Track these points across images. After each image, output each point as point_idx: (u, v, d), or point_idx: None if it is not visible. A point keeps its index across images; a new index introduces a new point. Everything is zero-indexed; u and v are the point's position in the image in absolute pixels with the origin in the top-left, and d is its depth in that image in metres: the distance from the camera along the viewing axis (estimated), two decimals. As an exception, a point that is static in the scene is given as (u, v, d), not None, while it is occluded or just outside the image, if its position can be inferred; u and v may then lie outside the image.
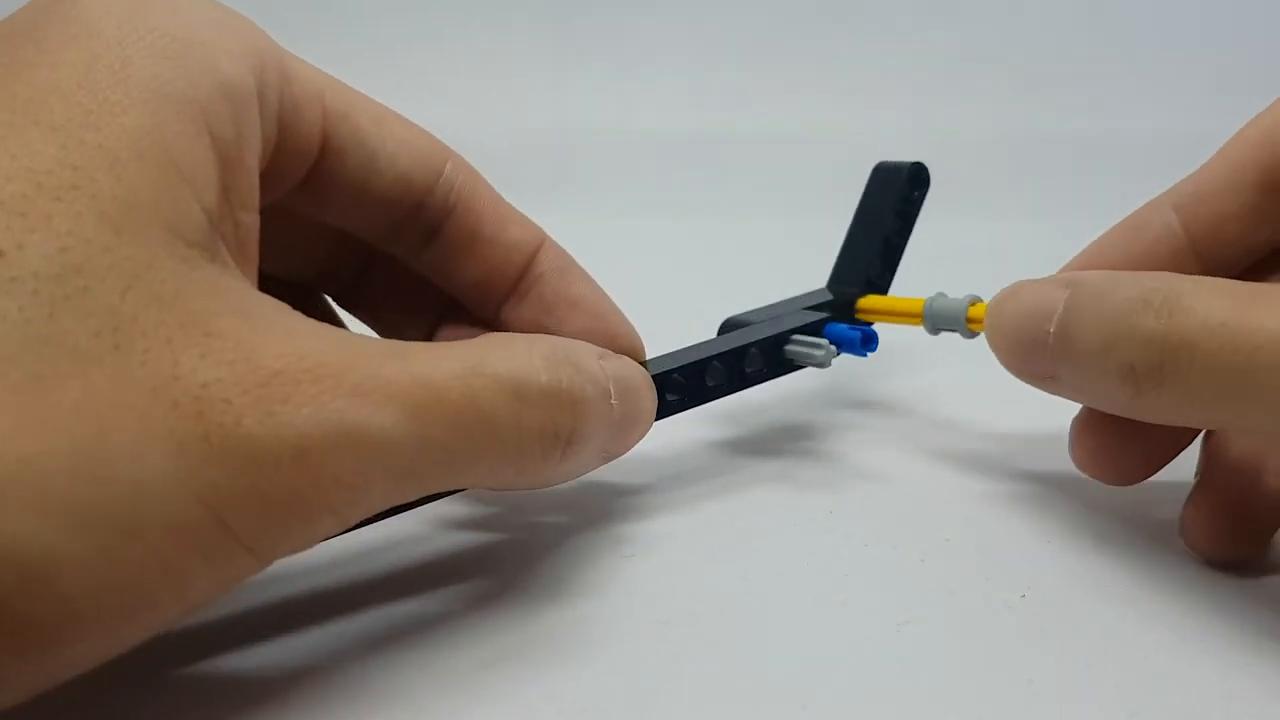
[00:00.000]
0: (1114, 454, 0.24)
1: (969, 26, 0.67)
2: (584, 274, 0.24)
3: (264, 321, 0.16)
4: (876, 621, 0.20)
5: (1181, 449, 0.24)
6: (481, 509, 0.25)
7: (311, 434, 0.16)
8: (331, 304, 0.25)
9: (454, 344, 0.19)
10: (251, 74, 0.17)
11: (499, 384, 0.18)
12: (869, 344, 0.26)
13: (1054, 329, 0.21)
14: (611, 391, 0.21)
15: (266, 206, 0.19)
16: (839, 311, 0.30)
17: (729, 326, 0.28)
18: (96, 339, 0.14)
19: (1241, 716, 0.18)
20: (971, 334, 0.26)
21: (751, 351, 0.26)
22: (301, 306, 0.23)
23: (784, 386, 0.30)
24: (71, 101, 0.15)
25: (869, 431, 0.30)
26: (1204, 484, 0.23)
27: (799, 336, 0.26)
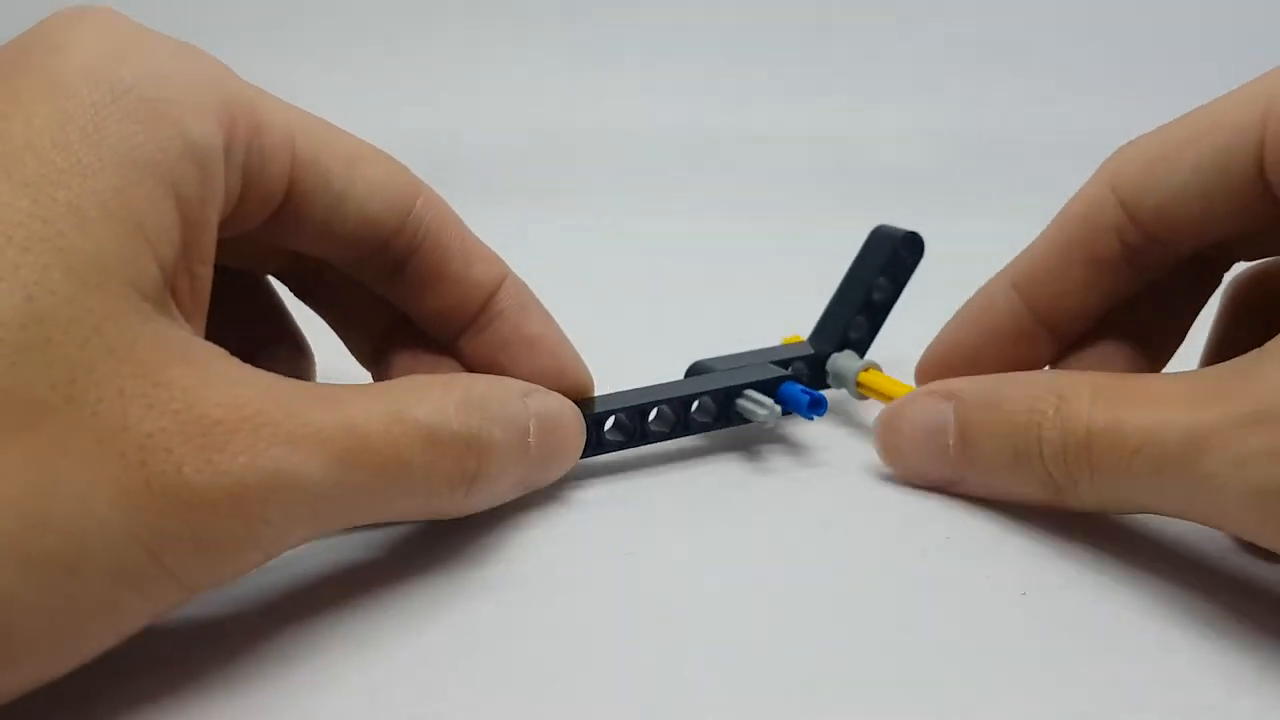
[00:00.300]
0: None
1: (970, 26, 0.66)
2: (541, 313, 0.25)
3: (207, 369, 0.17)
4: (877, 619, 0.21)
5: None
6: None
7: (247, 481, 0.17)
8: (276, 293, 0.27)
9: (378, 388, 0.21)
10: (220, 131, 0.18)
11: (416, 430, 0.20)
12: (816, 408, 0.27)
13: (954, 442, 0.23)
14: (531, 428, 0.23)
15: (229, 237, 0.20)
16: (815, 366, 0.31)
17: (695, 371, 0.30)
18: (52, 390, 0.15)
19: (1243, 714, 0.18)
20: (861, 397, 0.30)
21: (703, 400, 0.28)
22: (247, 296, 0.25)
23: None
24: (44, 159, 0.16)
25: (870, 429, 0.30)
26: None
27: (750, 392, 0.28)
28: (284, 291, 0.27)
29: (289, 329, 0.27)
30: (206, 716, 0.18)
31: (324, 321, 0.27)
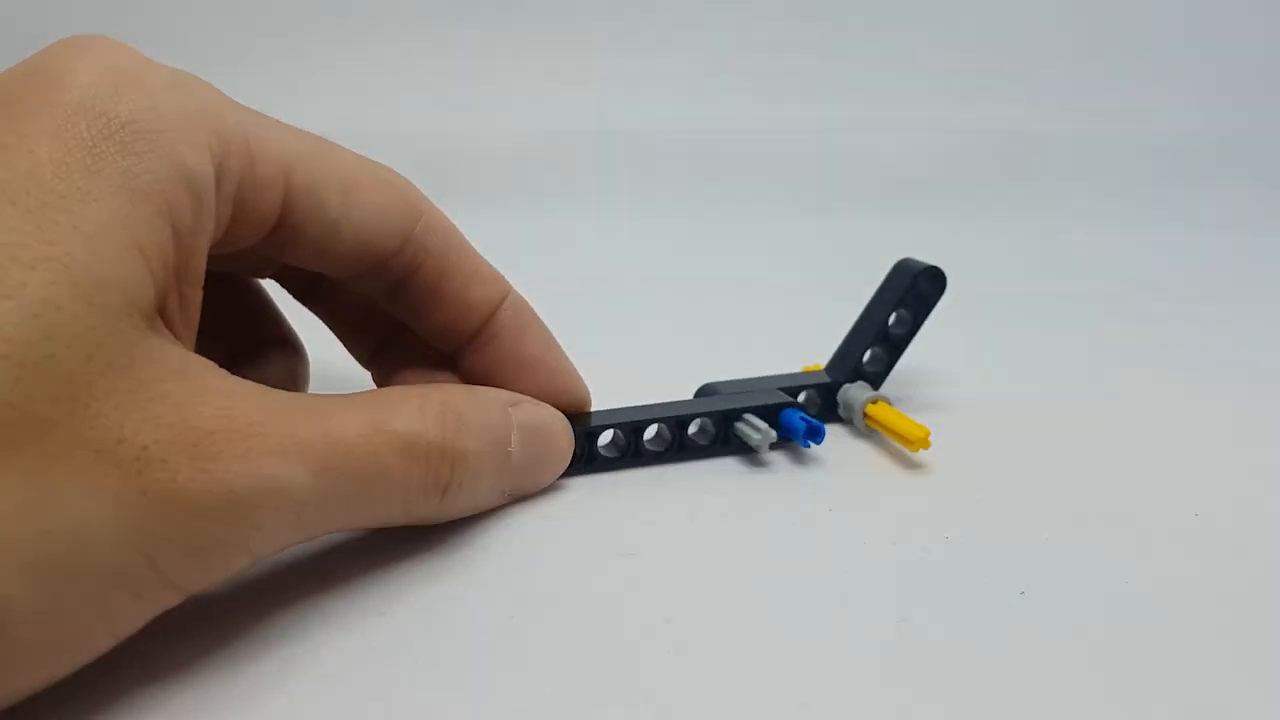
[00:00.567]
0: None
1: (970, 26, 0.65)
2: (540, 334, 0.26)
3: (200, 384, 0.18)
4: (876, 618, 0.21)
5: None
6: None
7: (238, 488, 0.18)
8: (269, 296, 0.28)
9: (360, 399, 0.21)
10: (212, 162, 0.19)
11: (395, 441, 0.21)
12: (813, 436, 0.27)
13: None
14: (513, 438, 0.24)
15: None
16: (828, 395, 0.31)
17: (703, 394, 0.30)
18: (54, 405, 0.16)
19: (1243, 715, 0.18)
20: (868, 429, 0.30)
21: (701, 422, 0.28)
22: (239, 300, 0.26)
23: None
24: (47, 187, 0.17)
25: (868, 431, 0.30)
26: None
27: (749, 416, 0.28)
28: (282, 293, 0.28)
29: (283, 331, 0.28)
30: (180, 700, 0.19)
31: (323, 322, 0.28)
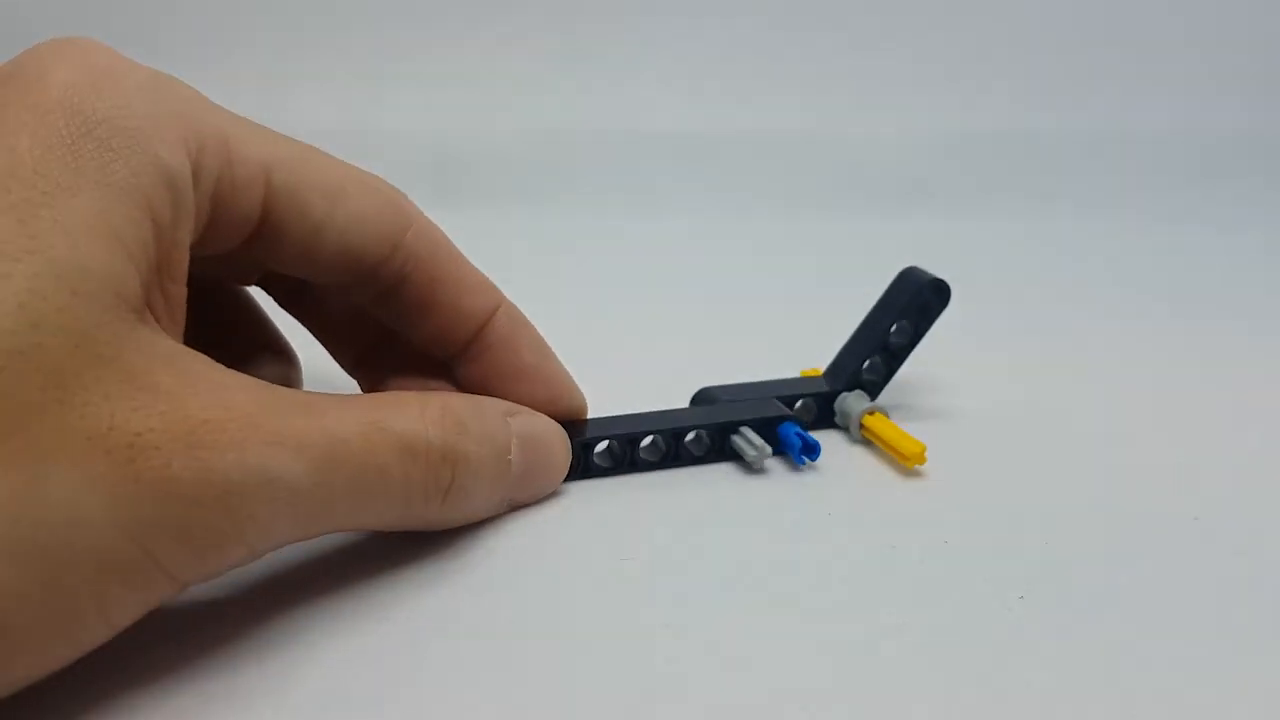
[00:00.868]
0: None
1: (970, 26, 0.64)
2: (534, 342, 0.26)
3: (192, 375, 0.18)
4: (875, 623, 0.21)
5: None
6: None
7: (233, 477, 0.18)
8: (258, 304, 0.27)
9: (358, 399, 0.21)
10: (188, 160, 0.19)
11: (394, 440, 0.21)
12: (808, 453, 0.27)
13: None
14: (513, 447, 0.24)
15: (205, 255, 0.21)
16: (825, 404, 0.31)
17: (700, 399, 0.30)
18: (42, 393, 0.16)
19: (1243, 716, 0.19)
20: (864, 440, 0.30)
21: (697, 433, 0.28)
22: (228, 308, 0.26)
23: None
24: (28, 184, 0.17)
25: (866, 443, 0.30)
26: None
27: (746, 430, 0.28)
28: (273, 303, 0.27)
29: (275, 339, 0.27)
30: (180, 703, 0.19)
31: (310, 333, 0.28)
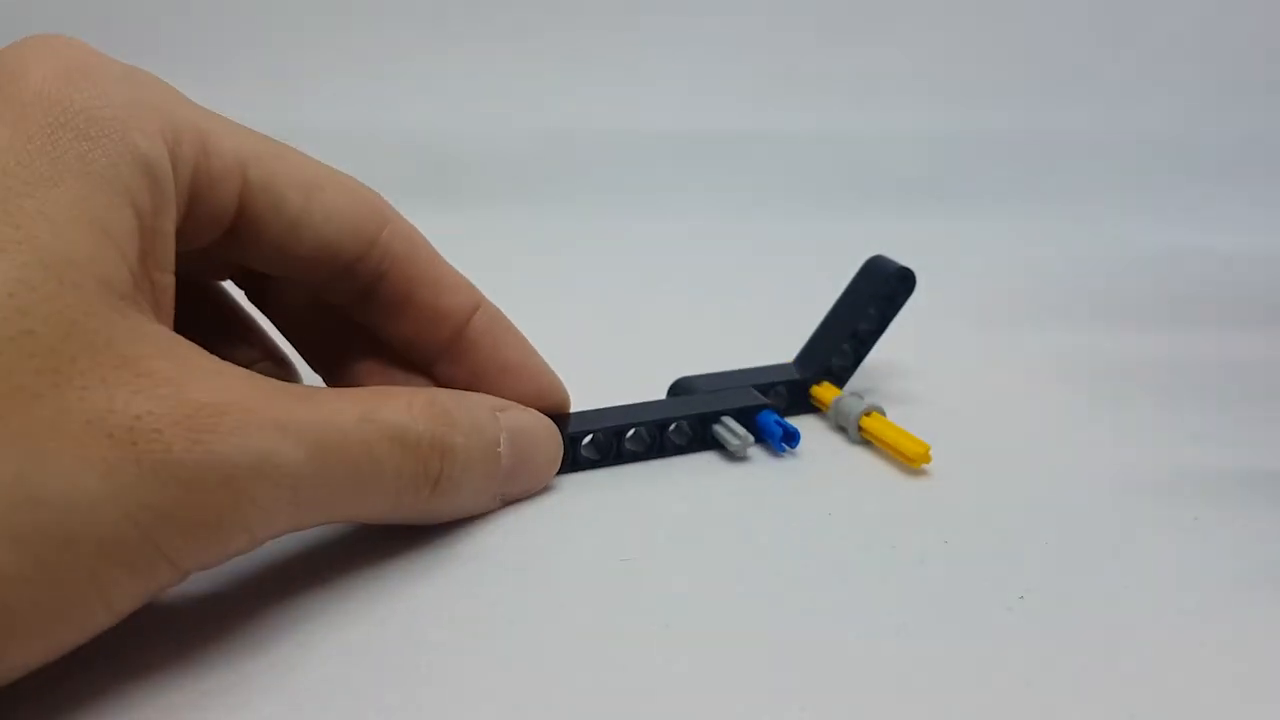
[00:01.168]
0: None
1: (970, 26, 0.65)
2: (516, 338, 0.26)
3: (189, 362, 0.18)
4: (875, 623, 0.21)
5: None
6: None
7: (234, 460, 0.18)
8: (233, 300, 0.27)
9: (350, 391, 0.21)
10: (165, 149, 0.19)
11: (386, 430, 0.21)
12: (788, 440, 0.28)
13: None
14: (502, 441, 0.24)
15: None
16: (796, 391, 0.31)
17: (677, 389, 0.30)
18: (38, 377, 0.16)
19: (1244, 718, 0.19)
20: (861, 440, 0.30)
21: (679, 424, 0.28)
22: (194, 303, 0.25)
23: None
24: (9, 174, 0.17)
25: (864, 444, 0.30)
26: None
27: (727, 419, 0.28)
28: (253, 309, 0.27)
29: (268, 343, 0.27)
30: (176, 699, 0.19)
31: (277, 333, 0.27)
